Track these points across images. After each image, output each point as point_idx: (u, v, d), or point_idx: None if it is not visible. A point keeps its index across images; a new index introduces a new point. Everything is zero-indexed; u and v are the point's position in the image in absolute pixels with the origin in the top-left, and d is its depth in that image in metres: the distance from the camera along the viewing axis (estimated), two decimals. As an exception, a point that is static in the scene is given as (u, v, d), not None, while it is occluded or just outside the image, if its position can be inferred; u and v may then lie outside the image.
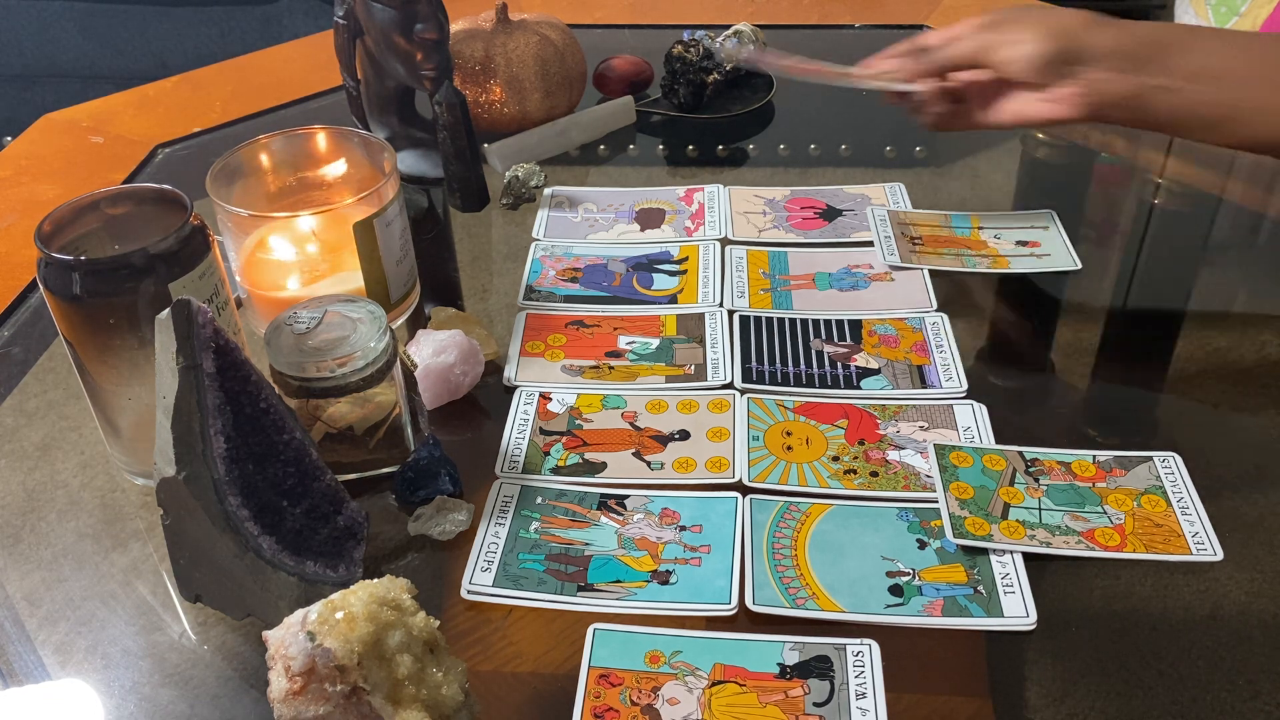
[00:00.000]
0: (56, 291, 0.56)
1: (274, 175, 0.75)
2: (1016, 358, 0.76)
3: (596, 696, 0.51)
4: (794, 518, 0.60)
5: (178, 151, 1.01)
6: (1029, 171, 0.97)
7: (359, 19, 0.84)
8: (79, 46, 2.07)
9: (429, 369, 0.67)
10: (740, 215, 0.88)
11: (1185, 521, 0.59)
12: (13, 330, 0.78)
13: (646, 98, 1.06)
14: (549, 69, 0.97)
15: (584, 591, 0.56)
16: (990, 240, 0.83)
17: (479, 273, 0.83)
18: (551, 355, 0.73)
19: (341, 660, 0.44)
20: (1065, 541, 0.58)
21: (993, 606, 0.55)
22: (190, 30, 2.06)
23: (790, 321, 0.75)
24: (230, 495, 0.52)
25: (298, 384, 0.58)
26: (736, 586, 0.56)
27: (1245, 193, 0.93)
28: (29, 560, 0.60)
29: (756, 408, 0.68)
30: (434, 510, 0.60)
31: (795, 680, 0.51)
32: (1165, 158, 0.96)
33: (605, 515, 0.61)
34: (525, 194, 0.89)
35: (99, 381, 0.59)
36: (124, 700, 0.53)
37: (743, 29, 1.07)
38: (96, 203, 0.61)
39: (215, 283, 0.60)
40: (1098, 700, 0.51)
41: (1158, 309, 0.79)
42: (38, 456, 0.67)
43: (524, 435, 0.66)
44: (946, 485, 0.61)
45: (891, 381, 0.70)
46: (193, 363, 0.51)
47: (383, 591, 0.46)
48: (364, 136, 0.75)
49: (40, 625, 0.56)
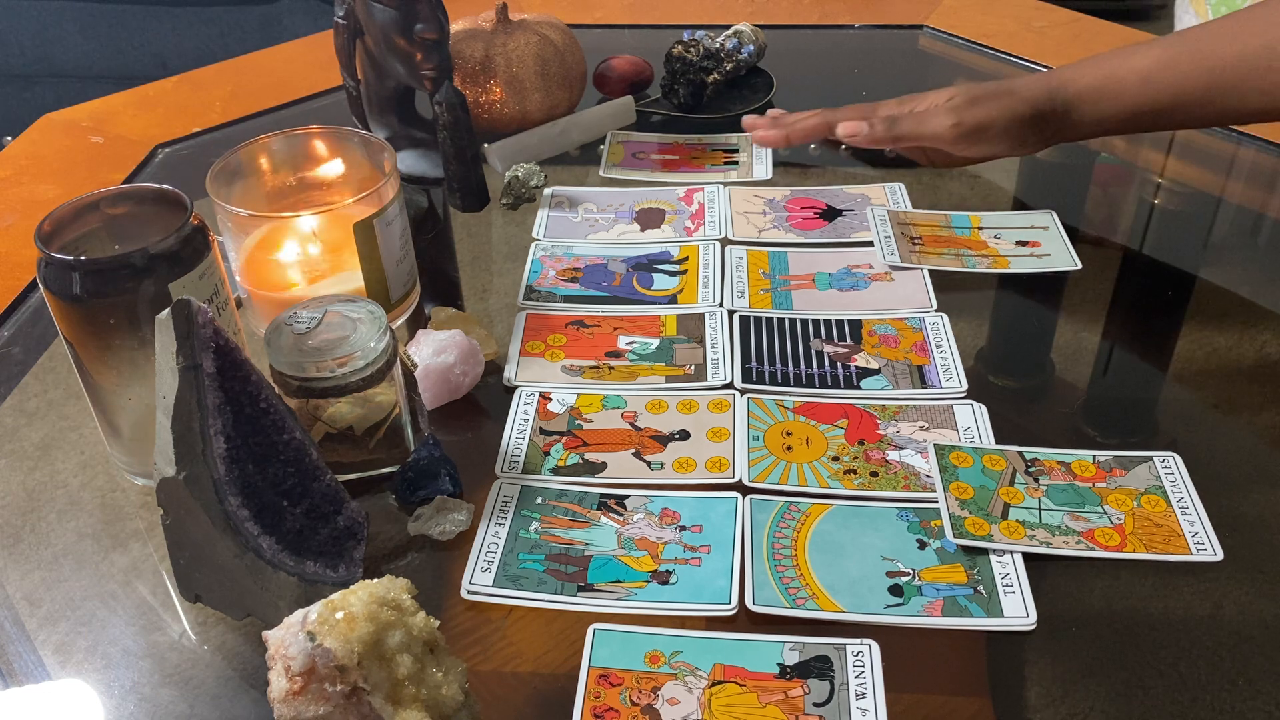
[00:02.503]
0: (56, 291, 0.56)
1: (274, 175, 0.75)
2: (1016, 358, 0.76)
3: (596, 696, 0.51)
4: (794, 518, 0.60)
5: (178, 151, 1.01)
6: (1029, 171, 0.97)
7: (359, 19, 0.84)
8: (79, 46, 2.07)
9: (429, 369, 0.67)
10: (740, 215, 0.88)
11: (1185, 521, 0.59)
12: (13, 330, 0.78)
13: (646, 98, 1.06)
14: (549, 69, 0.97)
15: (584, 591, 0.56)
16: (990, 240, 0.83)
17: (479, 273, 0.83)
18: (551, 355, 0.73)
19: (341, 660, 0.44)
20: (1065, 541, 0.58)
21: (993, 606, 0.55)
22: (190, 30, 2.06)
23: (790, 321, 0.75)
24: (230, 495, 0.52)
25: (298, 384, 0.58)
26: (736, 586, 0.56)
27: (1245, 193, 0.93)
28: (29, 560, 0.60)
29: (756, 408, 0.68)
30: (434, 510, 0.60)
31: (795, 680, 0.51)
32: (1165, 158, 0.96)
33: (605, 515, 0.61)
34: (525, 194, 0.89)
35: (99, 381, 0.59)
36: (124, 700, 0.53)
37: (743, 29, 1.07)
38: (96, 203, 0.61)
39: (215, 283, 0.60)
40: (1098, 700, 0.51)
41: (1158, 309, 0.79)
42: (38, 456, 0.67)
43: (524, 435, 0.66)
44: (946, 485, 0.61)
45: (891, 381, 0.70)
46: (193, 363, 0.51)
47: (383, 591, 0.46)
48: (364, 136, 0.75)
49: (40, 625, 0.56)
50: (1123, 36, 1.15)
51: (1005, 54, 1.13)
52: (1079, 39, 1.14)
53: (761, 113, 1.04)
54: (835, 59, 1.19)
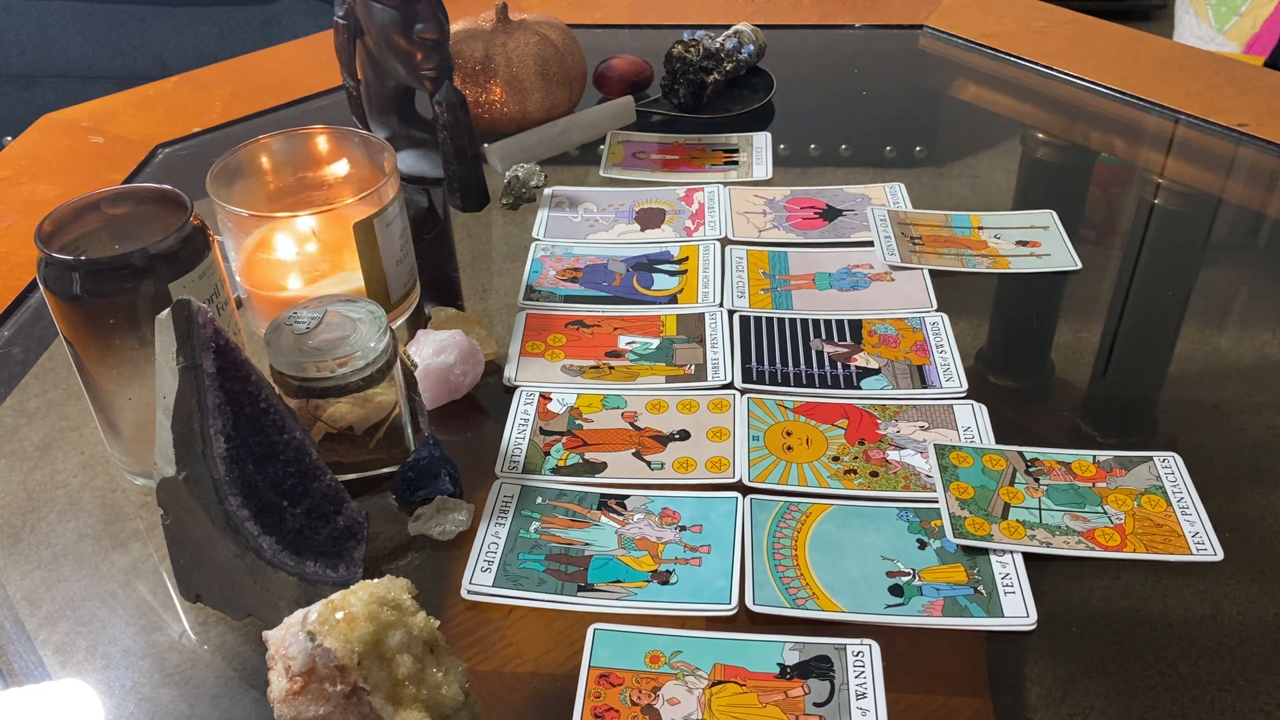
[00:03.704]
0: (56, 291, 0.56)
1: (274, 175, 0.75)
2: (1016, 358, 0.76)
3: (596, 696, 0.51)
4: (794, 518, 0.60)
5: (178, 151, 1.01)
6: (1029, 171, 0.97)
7: (359, 19, 0.84)
8: (79, 46, 2.07)
9: (429, 369, 0.67)
10: (740, 215, 0.88)
11: (1185, 521, 0.59)
12: (13, 330, 0.78)
13: (646, 98, 1.06)
14: (549, 69, 0.97)
15: (584, 591, 0.56)
16: (990, 240, 0.83)
17: (479, 273, 0.83)
18: (551, 355, 0.73)
19: (341, 660, 0.44)
20: (1065, 541, 0.58)
21: (993, 606, 0.55)
22: (190, 30, 2.06)
23: (790, 321, 0.75)
24: (230, 495, 0.52)
25: (298, 384, 0.58)
26: (736, 586, 0.56)
27: (1245, 193, 0.93)
28: (29, 560, 0.60)
29: (756, 408, 0.68)
30: (434, 510, 0.60)
31: (795, 680, 0.51)
32: (1165, 158, 0.96)
33: (605, 515, 0.61)
34: (525, 194, 0.89)
35: (99, 381, 0.59)
36: (124, 700, 0.53)
37: (743, 29, 1.07)
38: (96, 203, 0.61)
39: (215, 283, 0.60)
40: (1098, 700, 0.51)
41: (1158, 309, 0.79)
42: (38, 456, 0.67)
43: (524, 435, 0.66)
44: (946, 485, 0.61)
45: (891, 381, 0.70)
46: (193, 363, 0.51)
47: (383, 591, 0.46)
48: (364, 136, 0.75)
49: (40, 625, 0.56)
50: (1123, 36, 1.15)
51: (1005, 54, 1.13)
52: (1079, 39, 1.14)
53: (761, 112, 1.04)
54: (835, 59, 1.19)
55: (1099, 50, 1.12)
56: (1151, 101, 1.02)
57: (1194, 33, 1.99)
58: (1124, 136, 0.98)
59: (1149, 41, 1.14)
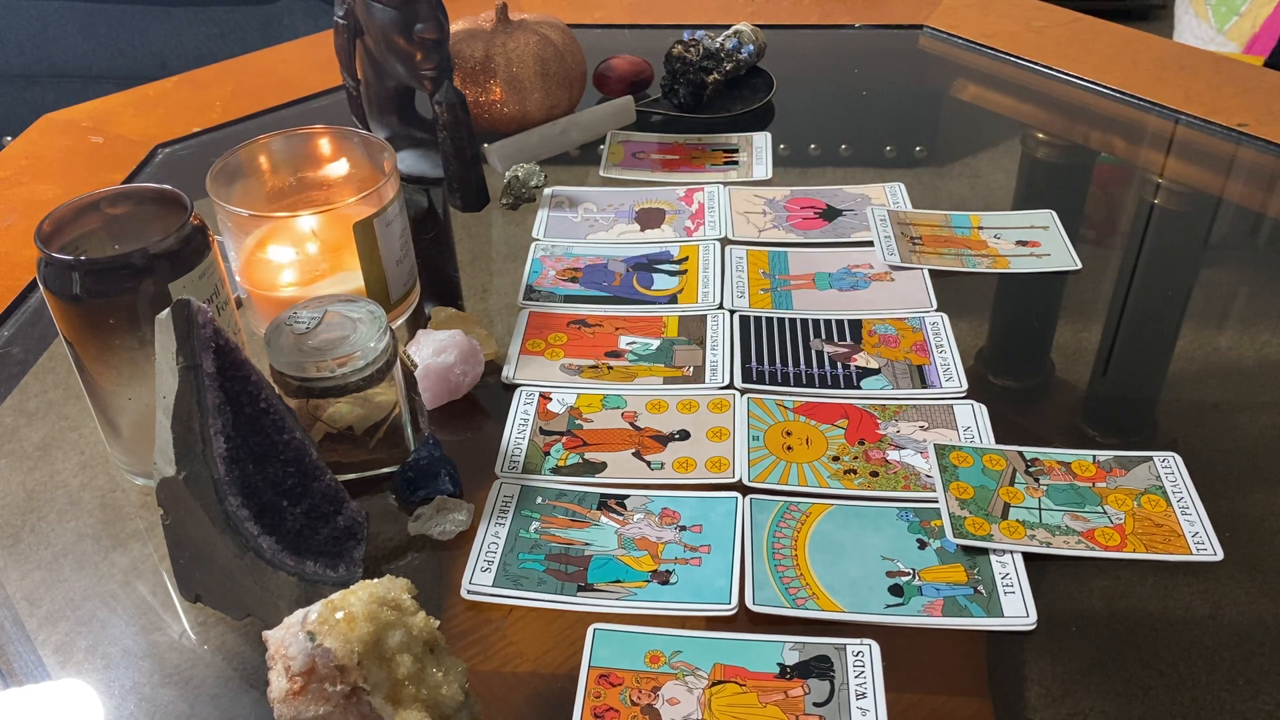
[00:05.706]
0: (56, 291, 0.56)
1: (274, 175, 0.75)
2: (1016, 358, 0.76)
3: (596, 696, 0.51)
4: (794, 518, 0.60)
5: (178, 151, 1.01)
6: (1029, 171, 0.97)
7: (359, 19, 0.84)
8: (79, 46, 2.07)
9: (429, 369, 0.67)
10: (740, 215, 0.88)
11: (1185, 521, 0.59)
12: (13, 330, 0.78)
13: (646, 98, 1.06)
14: (549, 69, 0.97)
15: (584, 591, 0.56)
16: (990, 240, 0.83)
17: (479, 273, 0.83)
18: (551, 355, 0.73)
19: (341, 660, 0.44)
20: (1065, 541, 0.58)
21: (993, 606, 0.55)
22: (190, 30, 2.06)
23: (790, 321, 0.75)
24: (230, 495, 0.52)
25: (298, 384, 0.58)
26: (736, 586, 0.56)
27: (1245, 193, 0.93)
28: (29, 560, 0.60)
29: (756, 408, 0.68)
30: (434, 510, 0.60)
31: (795, 680, 0.51)
32: (1165, 158, 0.96)
33: (605, 515, 0.61)
34: (525, 194, 0.89)
35: (99, 381, 0.59)
36: (124, 700, 0.53)
37: (743, 29, 1.07)
38: (96, 203, 0.61)
39: (215, 283, 0.60)
40: (1098, 700, 0.51)
41: (1158, 309, 0.79)
42: (38, 456, 0.67)
43: (524, 435, 0.66)
44: (946, 485, 0.61)
45: (891, 381, 0.70)
46: (193, 363, 0.51)
47: (383, 591, 0.46)
48: (364, 136, 0.75)
49: (40, 625, 0.56)
50: (1123, 37, 1.15)
51: (1005, 54, 1.13)
52: (1079, 39, 1.14)
53: (761, 112, 1.04)
54: (835, 59, 1.19)
55: (1099, 50, 1.12)
56: (1151, 101, 1.02)
57: (1194, 33, 1.99)
58: (1124, 136, 0.98)
59: (1149, 41, 1.14)
